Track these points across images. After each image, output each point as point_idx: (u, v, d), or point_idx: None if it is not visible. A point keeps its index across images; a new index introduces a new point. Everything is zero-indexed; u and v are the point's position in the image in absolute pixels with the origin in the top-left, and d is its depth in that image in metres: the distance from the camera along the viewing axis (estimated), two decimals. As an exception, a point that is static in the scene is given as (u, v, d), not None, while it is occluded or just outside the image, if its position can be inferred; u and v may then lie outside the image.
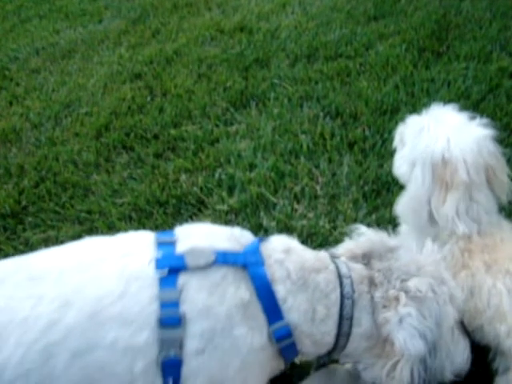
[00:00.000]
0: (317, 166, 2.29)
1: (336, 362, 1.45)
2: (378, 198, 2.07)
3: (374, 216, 1.97)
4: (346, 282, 1.15)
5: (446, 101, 1.50)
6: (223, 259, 1.06)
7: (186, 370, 0.98)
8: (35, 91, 3.44)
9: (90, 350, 0.94)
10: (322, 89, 2.81)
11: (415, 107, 2.42)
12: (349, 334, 1.14)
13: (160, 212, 2.17)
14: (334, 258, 1.24)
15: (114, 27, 4.20)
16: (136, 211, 2.22)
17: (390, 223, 1.87)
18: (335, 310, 1.13)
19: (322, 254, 1.22)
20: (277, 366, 1.15)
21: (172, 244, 1.08)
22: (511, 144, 2.24)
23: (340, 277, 1.15)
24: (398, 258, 1.19)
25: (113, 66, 3.57)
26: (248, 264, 1.07)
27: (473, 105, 2.46)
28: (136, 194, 2.30)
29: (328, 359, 1.30)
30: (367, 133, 2.42)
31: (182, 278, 1.02)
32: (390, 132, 2.36)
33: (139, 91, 3.16)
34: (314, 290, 1.11)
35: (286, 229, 1.97)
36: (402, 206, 1.48)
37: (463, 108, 1.49)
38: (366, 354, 1.19)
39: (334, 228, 1.96)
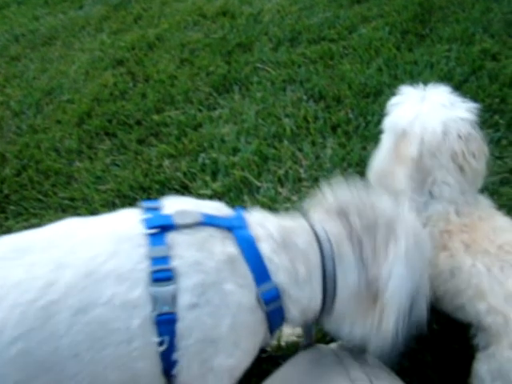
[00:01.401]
0: (300, 149, 2.28)
1: (322, 341, 1.47)
2: (361, 180, 2.07)
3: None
4: (325, 243, 1.12)
5: (429, 83, 1.50)
6: (210, 221, 1.06)
7: (180, 327, 0.98)
8: (15, 79, 3.40)
9: (91, 308, 0.94)
10: (305, 72, 2.80)
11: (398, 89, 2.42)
12: (334, 296, 1.12)
13: (143, 198, 2.16)
14: (309, 218, 1.20)
15: (95, 13, 4.14)
16: (119, 197, 2.21)
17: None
18: (317, 272, 1.11)
19: (299, 219, 1.20)
20: (264, 334, 1.14)
21: (159, 209, 1.10)
22: (494, 125, 2.25)
23: (318, 239, 1.13)
24: (379, 215, 1.15)
25: (94, 52, 3.53)
26: (233, 227, 1.08)
27: (456, 86, 2.43)
28: (119, 181, 2.29)
29: (313, 331, 1.29)
30: (350, 115, 2.41)
31: (171, 236, 1.02)
32: (373, 114, 2.37)
33: (121, 77, 3.13)
34: (295, 251, 1.10)
35: (270, 212, 1.97)
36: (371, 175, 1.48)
37: (446, 90, 1.49)
38: (354, 316, 1.16)
39: (318, 210, 1.96)
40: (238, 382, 1.17)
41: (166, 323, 0.97)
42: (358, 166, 2.12)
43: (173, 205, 1.12)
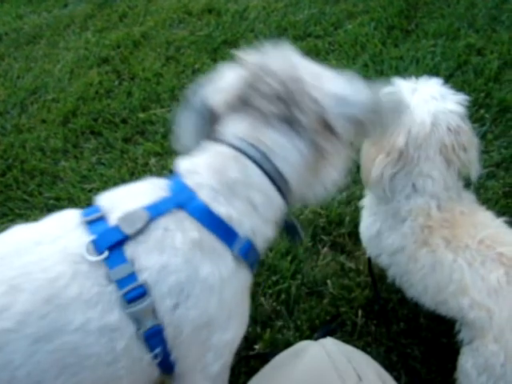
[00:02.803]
0: (287, 146, 2.27)
1: (310, 337, 1.47)
2: (347, 175, 2.06)
3: (344, 193, 1.97)
4: (249, 150, 1.04)
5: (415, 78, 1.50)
6: (157, 212, 0.99)
7: (169, 331, 0.95)
8: (-1, 78, 3.36)
9: (56, 335, 0.88)
10: (292, 69, 2.79)
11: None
12: (288, 184, 1.07)
13: (130, 196, 2.14)
14: (219, 136, 1.10)
15: (80, 11, 4.09)
16: (105, 196, 2.19)
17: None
18: (265, 183, 1.05)
19: (214, 146, 1.09)
20: (250, 280, 1.12)
21: (102, 219, 1.00)
22: (479, 119, 2.27)
23: (243, 152, 1.05)
24: (281, 78, 1.04)
25: (79, 50, 3.49)
26: (182, 204, 1.00)
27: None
28: (105, 180, 2.27)
29: (299, 229, 1.25)
30: (337, 111, 2.41)
31: (128, 250, 0.95)
32: (360, 110, 2.36)
33: (107, 76, 3.10)
34: (241, 187, 1.03)
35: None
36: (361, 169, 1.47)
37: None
38: (312, 180, 1.13)
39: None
40: (227, 379, 1.17)
41: (154, 336, 0.94)
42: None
43: (114, 209, 1.01)
